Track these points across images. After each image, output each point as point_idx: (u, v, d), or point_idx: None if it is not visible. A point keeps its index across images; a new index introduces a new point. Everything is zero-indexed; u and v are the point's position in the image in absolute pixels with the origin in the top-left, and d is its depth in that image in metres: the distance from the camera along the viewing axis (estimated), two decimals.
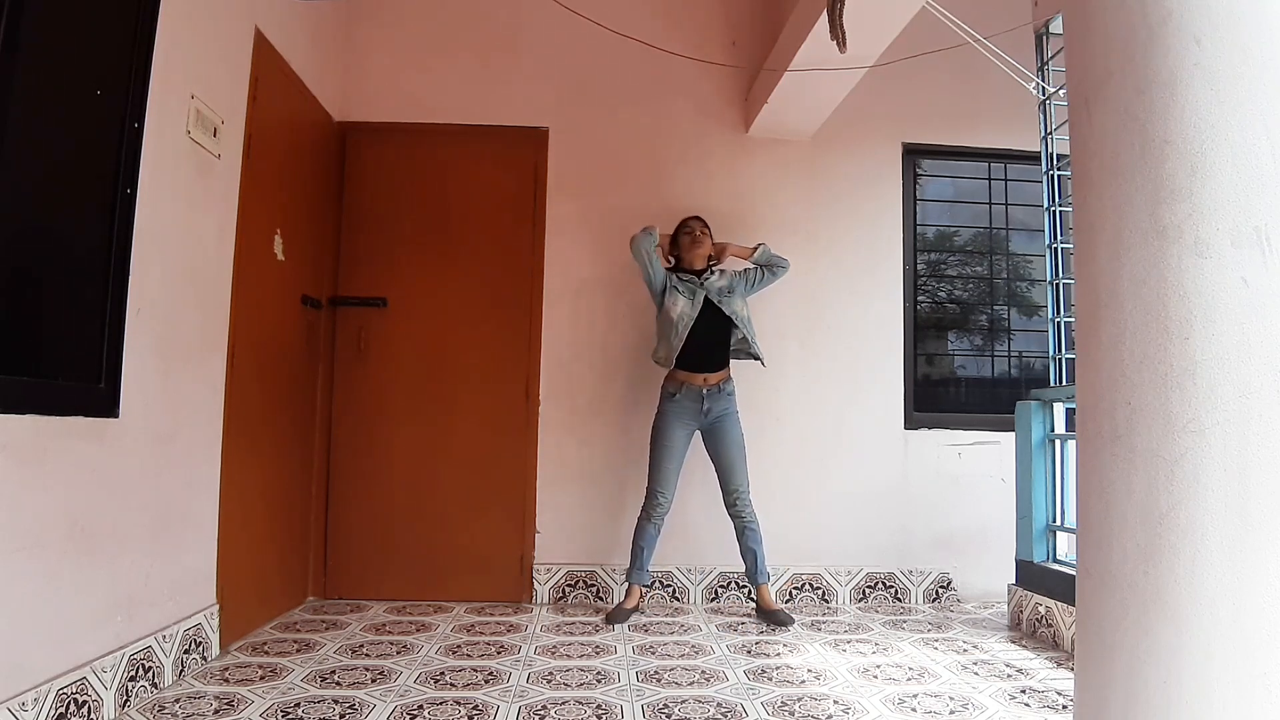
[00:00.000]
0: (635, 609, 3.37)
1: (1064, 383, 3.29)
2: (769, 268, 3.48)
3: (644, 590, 3.46)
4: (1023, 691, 2.45)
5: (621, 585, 3.56)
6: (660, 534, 3.39)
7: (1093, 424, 1.29)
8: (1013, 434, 3.43)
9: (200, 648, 2.53)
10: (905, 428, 3.86)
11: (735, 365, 3.49)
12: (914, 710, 2.26)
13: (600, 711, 2.21)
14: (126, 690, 2.13)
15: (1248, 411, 1.13)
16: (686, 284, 3.42)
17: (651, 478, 3.39)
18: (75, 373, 2.00)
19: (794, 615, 3.37)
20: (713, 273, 3.48)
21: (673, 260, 3.53)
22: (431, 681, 2.44)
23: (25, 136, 1.79)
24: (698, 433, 3.45)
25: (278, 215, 3.10)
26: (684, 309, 3.37)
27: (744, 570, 3.45)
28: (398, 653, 2.75)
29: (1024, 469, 3.32)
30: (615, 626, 3.21)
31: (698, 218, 3.52)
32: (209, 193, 2.58)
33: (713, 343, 3.39)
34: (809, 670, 2.64)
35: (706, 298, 3.39)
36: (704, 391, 3.37)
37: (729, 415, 3.41)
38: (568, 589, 3.63)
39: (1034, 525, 3.26)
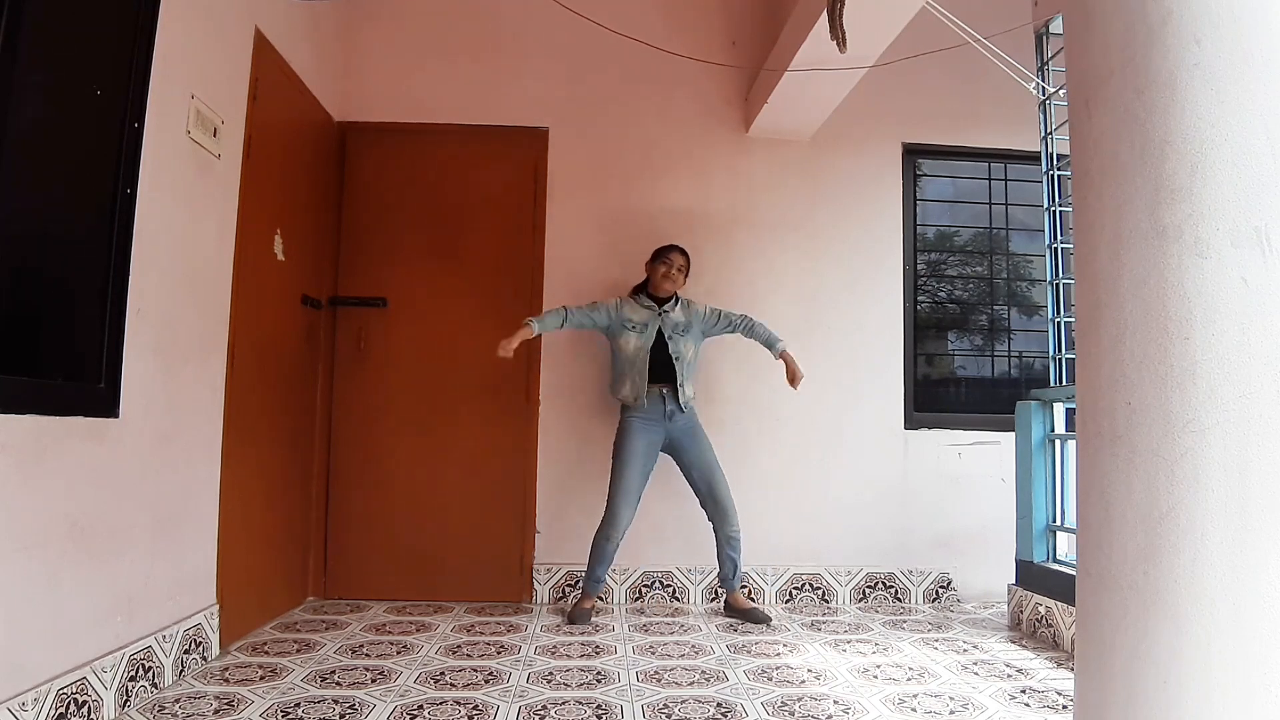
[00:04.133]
0: (593, 609, 3.35)
1: (1064, 383, 3.29)
2: (757, 338, 3.46)
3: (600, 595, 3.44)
4: (1023, 691, 2.45)
5: (621, 587, 3.58)
6: (618, 550, 3.32)
7: (1093, 424, 1.29)
8: (1013, 434, 3.43)
9: (200, 648, 2.53)
10: (905, 428, 3.86)
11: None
12: (914, 710, 2.26)
13: (600, 711, 2.21)
14: (126, 690, 2.13)
15: (1248, 411, 1.13)
16: (646, 311, 3.38)
17: (610, 492, 3.31)
18: (75, 373, 1.99)
19: (771, 614, 3.34)
20: (677, 302, 3.44)
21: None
22: (431, 681, 2.44)
23: (25, 136, 1.79)
24: (665, 456, 3.40)
25: (278, 215, 3.10)
26: (637, 345, 3.34)
27: (718, 574, 3.42)
28: (398, 653, 2.75)
29: (1024, 469, 3.32)
30: (577, 626, 3.18)
31: (681, 252, 3.43)
32: (209, 193, 2.58)
33: (666, 368, 3.34)
34: (809, 670, 2.64)
35: (660, 330, 3.36)
36: (664, 392, 3.33)
37: (696, 426, 3.38)
38: (568, 589, 3.63)
39: (1034, 525, 3.26)
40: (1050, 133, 3.37)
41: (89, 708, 1.96)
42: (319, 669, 2.54)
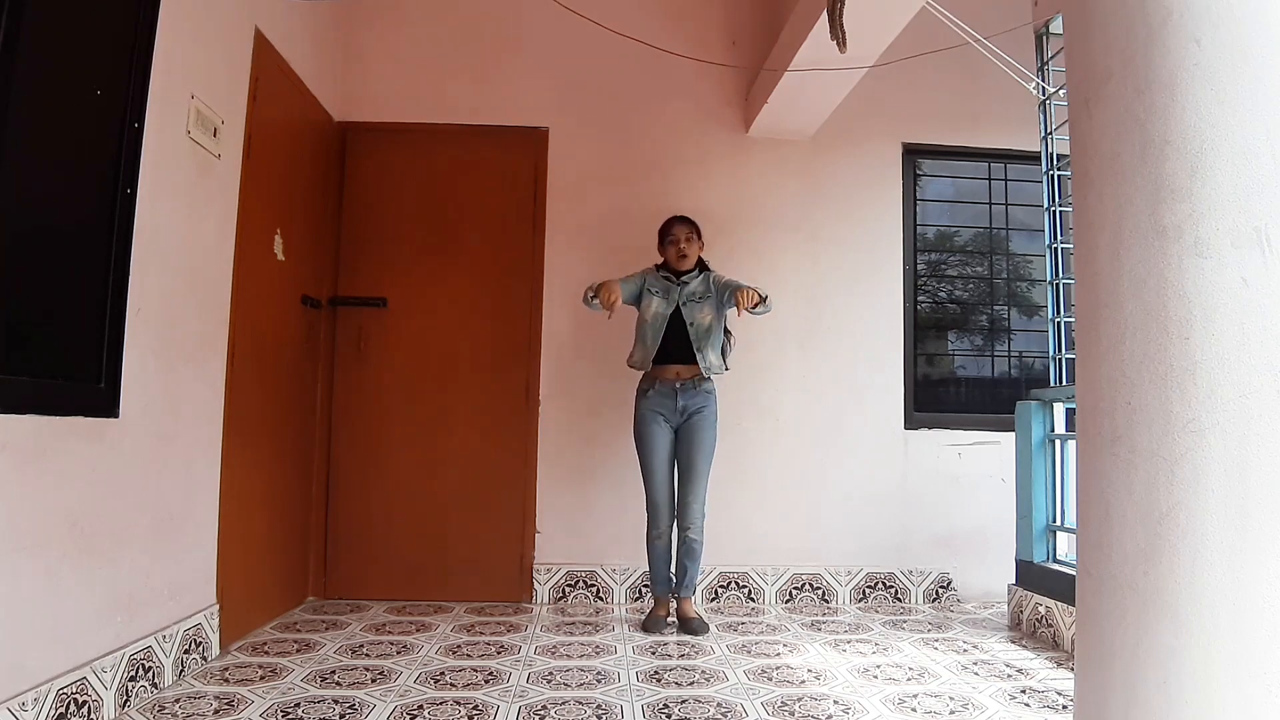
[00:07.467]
0: (666, 614, 3.24)
1: (1064, 383, 3.29)
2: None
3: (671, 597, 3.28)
4: (1023, 691, 2.45)
5: (621, 587, 3.57)
6: (673, 544, 3.25)
7: (1093, 424, 1.29)
8: (1013, 434, 3.43)
9: (200, 648, 2.53)
10: (905, 428, 3.86)
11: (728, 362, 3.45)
12: (914, 710, 2.26)
13: (600, 711, 2.21)
14: (126, 690, 2.13)
15: (1248, 411, 1.13)
16: (663, 284, 3.29)
17: (648, 489, 3.24)
18: (75, 373, 1.99)
19: (709, 624, 3.20)
20: (700, 272, 3.32)
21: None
22: (431, 681, 2.44)
23: (25, 136, 1.79)
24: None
25: (278, 215, 3.10)
26: (658, 309, 3.25)
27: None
28: (398, 653, 2.75)
29: (1024, 469, 3.32)
30: (651, 635, 3.10)
31: (685, 223, 3.33)
32: (209, 193, 2.58)
33: (682, 340, 3.23)
34: (809, 670, 2.64)
35: (677, 299, 3.27)
36: (677, 385, 3.21)
37: (704, 414, 3.21)
38: (568, 589, 3.63)
39: (1034, 525, 3.26)
40: (1050, 133, 3.37)
41: (89, 708, 1.96)
42: (319, 669, 2.54)
